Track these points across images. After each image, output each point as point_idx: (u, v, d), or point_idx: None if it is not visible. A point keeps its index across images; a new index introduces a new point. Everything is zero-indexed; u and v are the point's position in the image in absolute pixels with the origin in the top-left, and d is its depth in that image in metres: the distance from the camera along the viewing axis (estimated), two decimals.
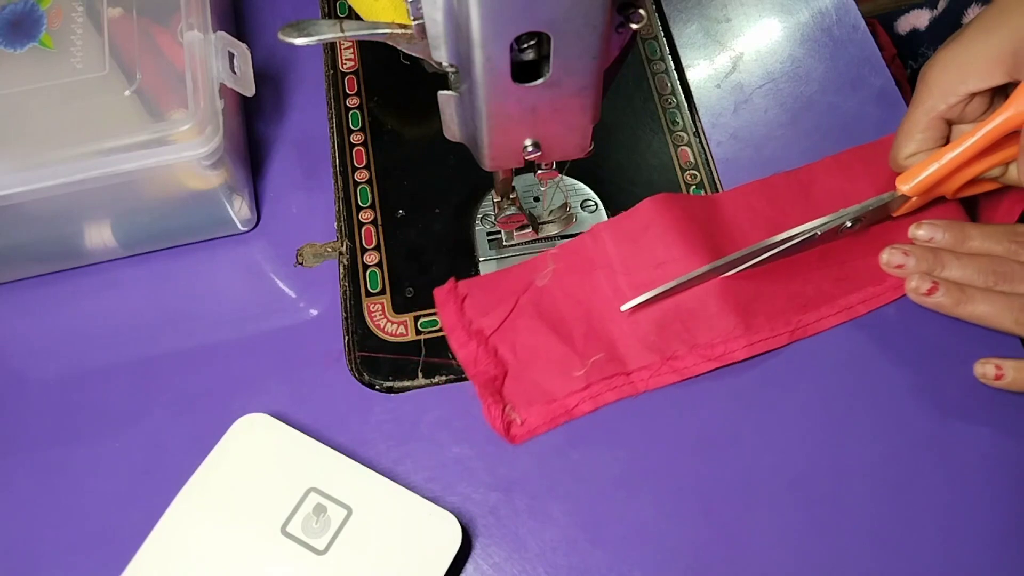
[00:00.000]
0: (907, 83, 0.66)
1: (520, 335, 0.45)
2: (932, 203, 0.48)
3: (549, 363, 0.45)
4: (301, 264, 0.49)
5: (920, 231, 0.47)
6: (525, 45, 0.34)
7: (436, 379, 0.45)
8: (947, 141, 0.46)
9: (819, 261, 0.48)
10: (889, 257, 0.46)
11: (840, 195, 0.49)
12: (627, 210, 0.48)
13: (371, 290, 0.48)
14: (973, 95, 0.44)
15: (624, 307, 0.45)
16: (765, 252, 0.46)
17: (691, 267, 0.46)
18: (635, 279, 0.46)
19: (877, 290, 0.47)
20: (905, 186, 0.45)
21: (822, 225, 0.46)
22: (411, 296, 0.48)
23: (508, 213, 0.46)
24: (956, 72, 0.44)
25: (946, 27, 0.66)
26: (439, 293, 0.46)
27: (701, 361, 0.45)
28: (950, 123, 0.46)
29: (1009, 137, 0.43)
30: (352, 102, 0.54)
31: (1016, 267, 0.45)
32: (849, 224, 0.46)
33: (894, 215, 0.48)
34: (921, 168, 0.45)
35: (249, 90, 0.45)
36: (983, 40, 0.44)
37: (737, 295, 0.46)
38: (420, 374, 0.46)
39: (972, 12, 0.64)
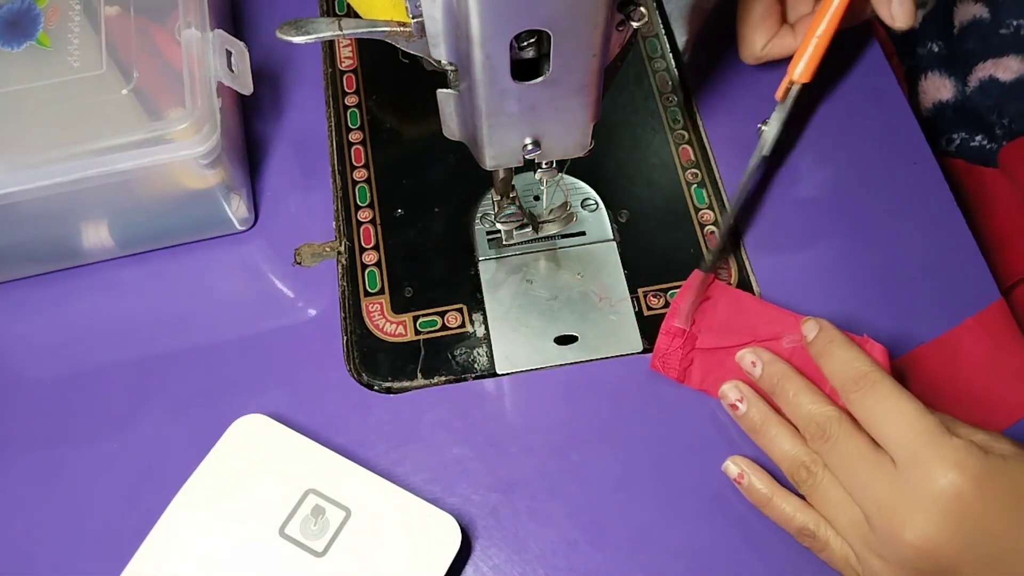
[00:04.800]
0: (903, 81, 0.65)
1: (718, 370, 0.44)
2: None
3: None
4: (299, 264, 0.49)
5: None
6: (525, 43, 0.33)
7: (435, 379, 0.45)
8: (784, 20, 0.49)
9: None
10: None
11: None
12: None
13: (370, 290, 0.48)
14: None
15: None
16: None
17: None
18: None
19: None
20: (796, 75, 0.46)
21: None
22: (410, 296, 0.47)
23: (508, 212, 0.46)
24: None
25: (934, 22, 0.66)
26: (696, 275, 0.44)
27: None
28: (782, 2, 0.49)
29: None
30: (351, 100, 0.54)
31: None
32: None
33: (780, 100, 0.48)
34: (801, 51, 0.46)
35: (247, 88, 0.45)
36: None
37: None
38: (419, 374, 0.45)
39: (962, 7, 0.63)
